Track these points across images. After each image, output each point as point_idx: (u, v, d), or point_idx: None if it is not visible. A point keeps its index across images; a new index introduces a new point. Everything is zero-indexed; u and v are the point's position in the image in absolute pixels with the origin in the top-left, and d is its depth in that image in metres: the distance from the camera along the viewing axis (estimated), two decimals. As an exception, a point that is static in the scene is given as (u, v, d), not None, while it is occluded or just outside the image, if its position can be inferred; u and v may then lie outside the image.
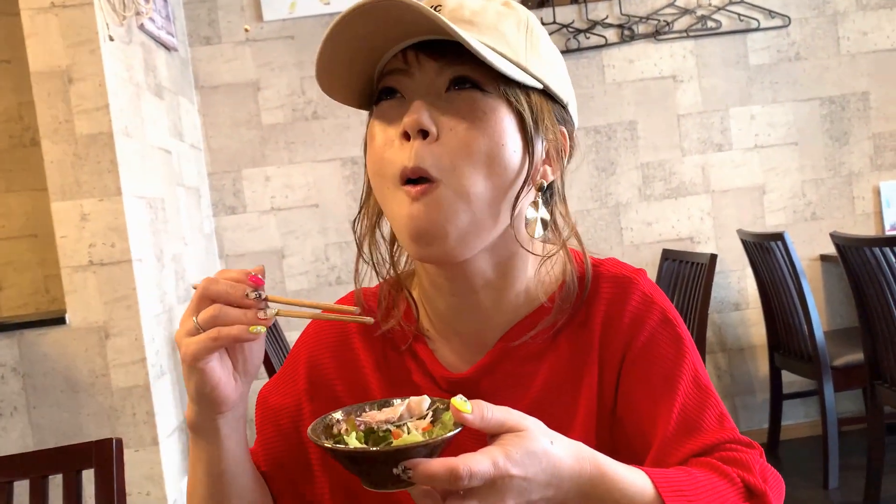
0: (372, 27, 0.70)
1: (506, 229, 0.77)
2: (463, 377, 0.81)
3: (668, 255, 3.20)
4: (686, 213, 3.52)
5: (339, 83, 0.76)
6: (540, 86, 0.75)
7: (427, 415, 0.65)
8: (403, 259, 0.85)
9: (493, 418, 0.62)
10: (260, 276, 0.69)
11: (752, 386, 3.58)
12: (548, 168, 0.79)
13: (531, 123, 0.74)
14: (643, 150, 3.47)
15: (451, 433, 0.61)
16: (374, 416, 0.64)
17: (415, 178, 0.71)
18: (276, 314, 0.68)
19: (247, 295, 0.67)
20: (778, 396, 3.36)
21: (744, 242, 3.30)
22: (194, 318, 0.68)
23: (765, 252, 3.10)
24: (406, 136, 0.71)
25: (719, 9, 3.45)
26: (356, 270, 0.83)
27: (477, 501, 0.60)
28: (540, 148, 0.77)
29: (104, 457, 1.10)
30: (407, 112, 0.72)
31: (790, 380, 3.43)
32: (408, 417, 0.64)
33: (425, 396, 0.66)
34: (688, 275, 2.85)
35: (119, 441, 1.13)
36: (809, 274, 3.48)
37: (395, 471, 0.58)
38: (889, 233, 3.50)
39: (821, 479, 2.98)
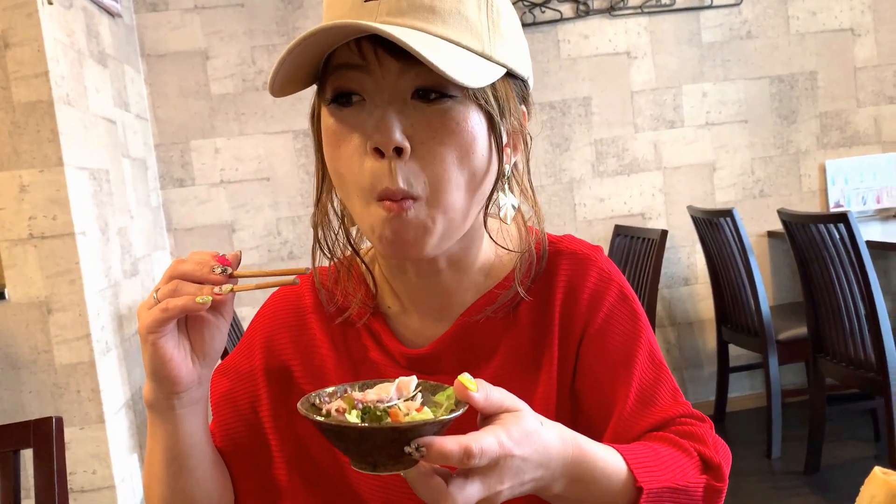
0: (330, 36, 0.67)
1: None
2: (423, 353, 0.81)
3: (619, 231, 3.23)
4: (638, 189, 3.55)
5: (289, 85, 0.73)
6: (504, 71, 0.73)
7: (415, 396, 0.63)
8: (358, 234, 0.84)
9: (495, 398, 0.62)
10: (228, 258, 0.70)
11: (700, 359, 3.66)
12: (509, 150, 0.77)
13: (498, 118, 0.73)
14: (597, 127, 3.48)
15: (458, 412, 0.59)
16: (366, 396, 0.62)
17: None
18: (231, 290, 0.69)
19: (213, 270, 0.69)
20: (725, 369, 3.44)
21: (694, 219, 3.35)
22: (154, 294, 0.69)
23: (714, 228, 3.15)
24: (378, 151, 0.69)
25: (673, -15, 3.47)
26: (314, 253, 0.81)
27: (479, 481, 0.59)
28: (505, 135, 0.75)
29: (43, 436, 1.07)
30: (376, 125, 0.68)
31: (736, 353, 3.51)
32: (396, 398, 0.62)
33: (413, 377, 0.64)
34: (639, 250, 2.89)
35: (59, 420, 1.10)
36: (757, 250, 3.55)
37: (406, 449, 0.56)
38: (833, 210, 3.59)
39: (764, 449, 3.07)
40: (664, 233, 2.68)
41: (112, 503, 2.27)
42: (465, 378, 0.60)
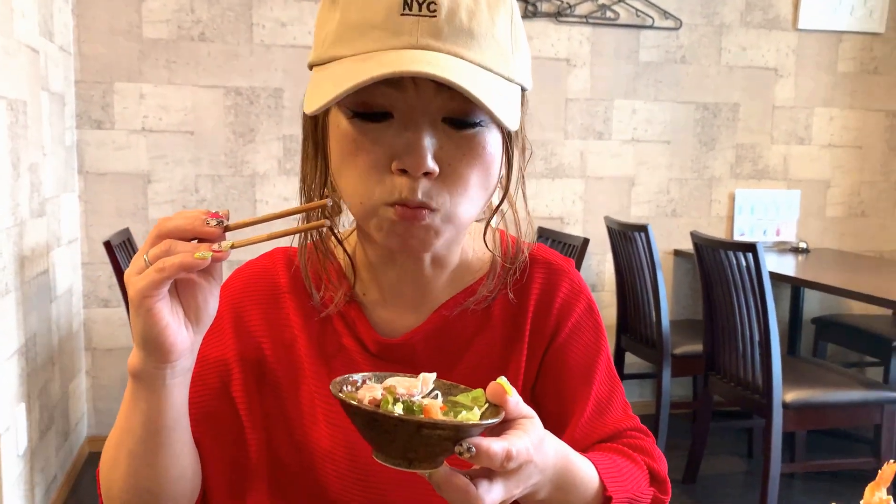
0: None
1: None
2: (397, 342, 0.82)
3: (542, 233, 3.30)
4: (560, 194, 3.64)
5: None
6: (520, 88, 0.74)
7: (436, 394, 0.63)
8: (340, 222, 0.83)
9: (521, 405, 0.63)
10: (221, 215, 0.65)
11: (597, 364, 3.78)
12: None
13: (514, 135, 0.76)
14: (529, 128, 3.52)
15: (499, 418, 0.60)
16: (396, 389, 0.61)
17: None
18: (233, 245, 0.64)
19: (206, 223, 0.63)
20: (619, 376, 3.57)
21: (609, 229, 3.46)
22: (144, 256, 0.63)
23: (627, 241, 3.27)
24: (404, 171, 0.68)
25: (620, 0, 3.55)
26: (304, 247, 0.82)
27: (502, 483, 0.60)
28: (511, 151, 0.77)
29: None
30: (407, 147, 0.68)
31: (631, 361, 3.66)
32: (420, 395, 0.62)
33: (433, 375, 0.64)
34: (558, 254, 2.95)
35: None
36: (662, 266, 3.70)
37: (457, 448, 0.56)
38: (737, 238, 3.80)
39: (647, 456, 3.21)
40: (586, 241, 2.76)
41: (-5, 452, 2.15)
42: (504, 382, 0.62)
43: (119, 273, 2.41)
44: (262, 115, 3.31)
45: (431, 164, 0.68)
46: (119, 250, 2.46)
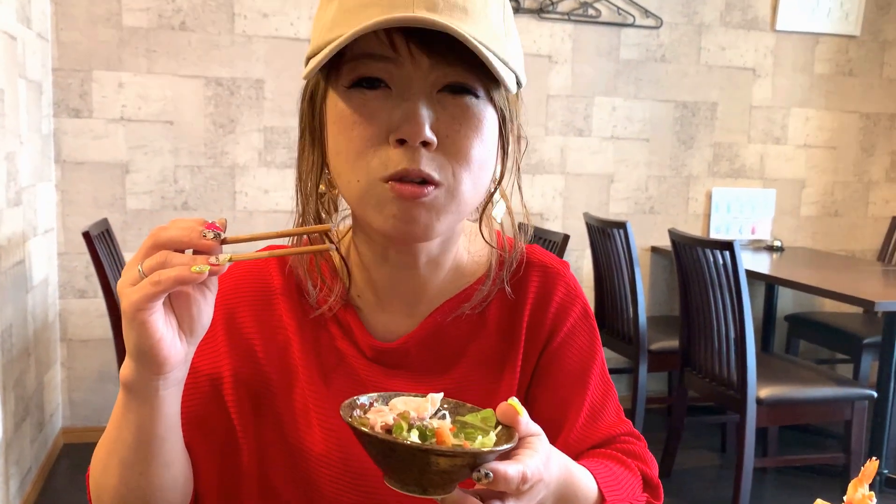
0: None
1: None
2: (391, 347, 0.81)
3: (522, 229, 3.31)
4: (540, 189, 3.66)
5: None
6: (515, 76, 0.74)
7: (444, 414, 0.63)
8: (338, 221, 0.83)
9: (531, 423, 0.64)
10: (218, 225, 0.63)
11: (574, 359, 3.81)
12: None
13: (509, 120, 0.75)
14: (510, 122, 3.54)
15: (513, 443, 0.61)
16: (408, 412, 0.61)
17: (411, 179, 0.69)
18: (230, 259, 0.62)
19: (204, 235, 0.62)
20: (596, 371, 3.60)
21: (588, 226, 3.48)
22: (139, 267, 0.62)
23: (606, 238, 3.29)
24: (401, 141, 0.69)
25: (601, -2, 3.58)
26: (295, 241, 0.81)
27: (514, 503, 0.61)
28: (506, 137, 0.77)
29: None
30: (405, 117, 0.68)
31: (608, 356, 3.70)
32: (428, 416, 0.62)
33: (440, 394, 0.64)
34: (538, 249, 2.97)
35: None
36: (640, 262, 3.74)
37: (475, 475, 0.56)
38: (713, 235, 3.84)
39: (623, 450, 3.25)
40: (566, 237, 2.78)
41: (-31, 444, 2.13)
42: (515, 402, 0.62)
43: (98, 264, 2.39)
44: (242, 106, 3.28)
45: (429, 134, 0.68)
46: (98, 241, 2.43)
